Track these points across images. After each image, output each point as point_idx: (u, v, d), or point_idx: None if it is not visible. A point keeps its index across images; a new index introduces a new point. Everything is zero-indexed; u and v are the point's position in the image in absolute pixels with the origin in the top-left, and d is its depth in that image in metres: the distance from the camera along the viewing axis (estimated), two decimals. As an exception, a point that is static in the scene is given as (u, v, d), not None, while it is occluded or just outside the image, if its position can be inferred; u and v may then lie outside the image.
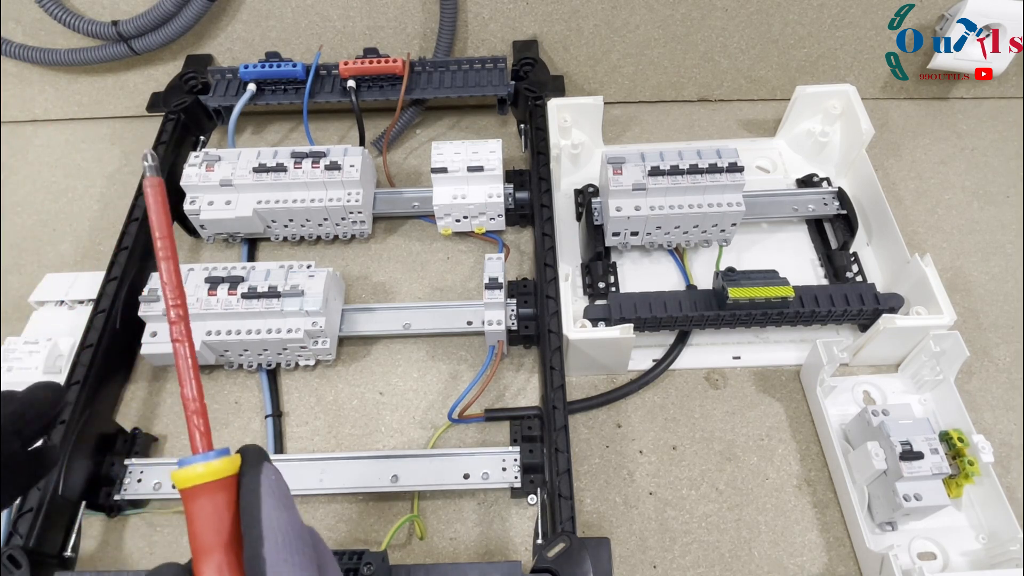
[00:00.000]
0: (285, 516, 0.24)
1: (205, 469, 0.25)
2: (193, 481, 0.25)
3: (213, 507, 0.25)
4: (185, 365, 0.27)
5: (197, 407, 0.27)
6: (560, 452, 0.49)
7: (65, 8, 0.72)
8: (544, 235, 0.60)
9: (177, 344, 0.27)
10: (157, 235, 0.29)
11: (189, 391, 0.27)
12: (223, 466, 0.26)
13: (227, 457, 0.26)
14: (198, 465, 0.25)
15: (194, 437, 0.26)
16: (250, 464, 0.26)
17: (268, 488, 0.25)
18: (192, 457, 0.26)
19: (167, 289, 0.28)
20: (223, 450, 0.27)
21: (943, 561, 0.50)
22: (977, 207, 0.71)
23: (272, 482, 0.25)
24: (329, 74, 0.73)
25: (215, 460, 0.26)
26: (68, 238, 0.72)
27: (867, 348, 0.57)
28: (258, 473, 0.25)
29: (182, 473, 0.25)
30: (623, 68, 0.79)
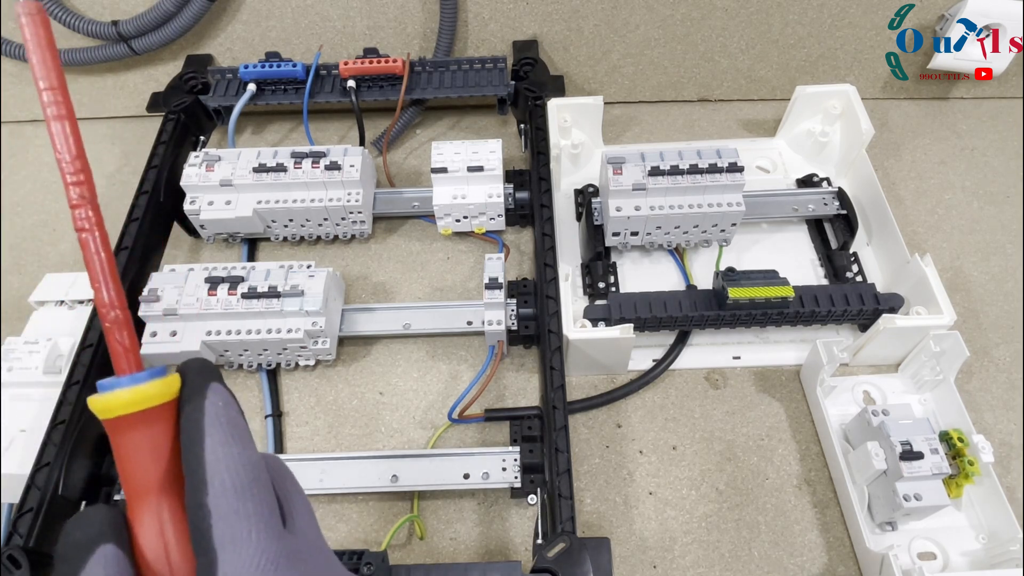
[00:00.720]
0: (235, 453, 0.19)
1: (132, 395, 0.20)
2: (119, 411, 0.20)
3: (148, 442, 0.20)
4: (97, 262, 0.21)
5: (119, 316, 0.21)
6: (560, 452, 0.49)
7: (65, 8, 0.72)
8: (544, 235, 0.60)
9: (84, 235, 0.21)
10: (43, 85, 0.21)
11: (105, 295, 0.21)
12: (157, 390, 0.20)
13: (162, 379, 0.21)
14: (123, 390, 0.20)
15: (117, 354, 0.21)
16: (192, 388, 0.21)
17: (213, 418, 0.20)
18: (116, 379, 0.20)
19: (63, 161, 0.21)
20: (157, 370, 0.21)
21: (943, 561, 0.50)
22: (977, 207, 0.71)
23: (219, 409, 0.20)
24: (329, 74, 0.73)
25: (146, 383, 0.20)
26: (68, 238, 0.72)
27: (867, 348, 0.57)
28: (202, 399, 0.20)
29: (104, 400, 0.20)
30: (623, 68, 0.79)
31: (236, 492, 0.19)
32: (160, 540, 0.20)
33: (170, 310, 0.56)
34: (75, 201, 0.21)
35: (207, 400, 0.20)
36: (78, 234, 0.21)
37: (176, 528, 0.20)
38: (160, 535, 0.20)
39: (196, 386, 0.21)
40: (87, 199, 0.21)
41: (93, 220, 0.21)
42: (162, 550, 0.20)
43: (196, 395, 0.20)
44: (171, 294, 0.57)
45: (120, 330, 0.21)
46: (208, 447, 0.19)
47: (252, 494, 0.19)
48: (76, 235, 0.21)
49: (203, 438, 0.20)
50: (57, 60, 0.21)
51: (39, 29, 0.20)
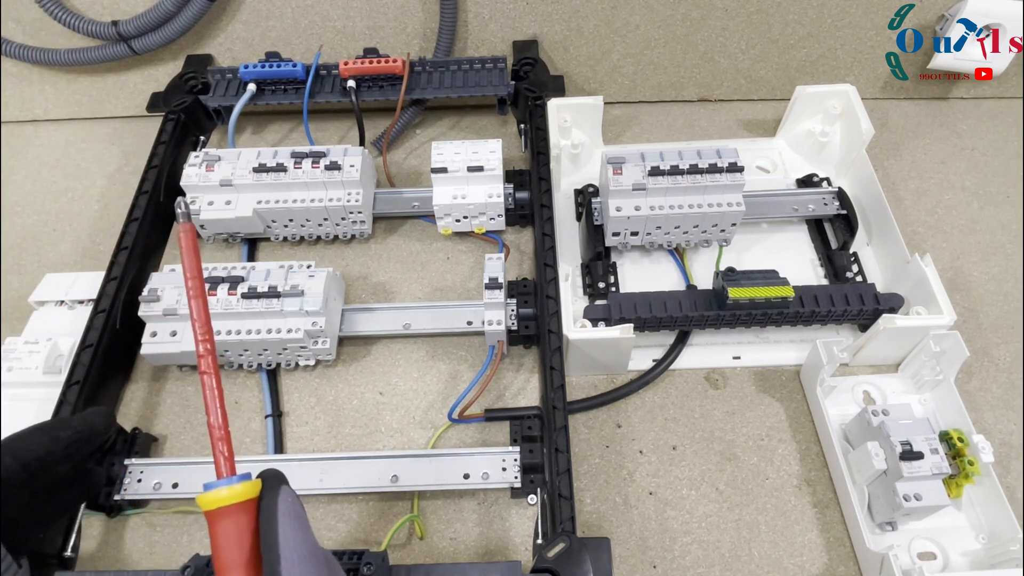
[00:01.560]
0: (300, 536, 0.27)
1: (228, 493, 0.27)
2: (217, 504, 0.27)
3: (235, 528, 0.27)
4: (212, 396, 0.30)
5: (223, 434, 0.29)
6: (560, 452, 0.49)
7: (65, 8, 0.72)
8: (544, 235, 0.60)
9: (205, 376, 0.30)
10: (188, 276, 0.31)
11: (215, 419, 0.29)
12: (245, 490, 0.28)
13: (249, 482, 0.28)
14: (222, 489, 0.28)
15: (219, 463, 0.29)
16: (269, 488, 0.28)
17: (285, 510, 0.27)
18: (217, 481, 0.28)
19: (196, 325, 0.31)
20: (245, 475, 0.28)
21: (943, 561, 0.50)
22: (977, 207, 0.71)
23: (289, 505, 0.27)
24: (329, 74, 0.73)
25: (238, 484, 0.28)
26: (68, 238, 0.72)
27: (867, 348, 0.57)
28: (275, 496, 0.28)
29: (208, 496, 0.28)
30: (623, 68, 0.79)
31: (302, 564, 0.26)
32: None
33: (170, 310, 0.56)
34: (201, 353, 0.30)
35: (280, 497, 0.28)
36: (200, 375, 0.30)
37: None
38: None
39: (272, 486, 0.28)
40: (210, 352, 0.31)
41: (212, 367, 0.30)
42: None
43: (272, 492, 0.28)
44: (171, 294, 0.57)
45: (223, 444, 0.29)
46: (281, 531, 0.26)
47: (313, 568, 0.26)
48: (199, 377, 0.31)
49: (277, 524, 0.26)
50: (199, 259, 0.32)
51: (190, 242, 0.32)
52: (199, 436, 0.58)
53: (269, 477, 0.29)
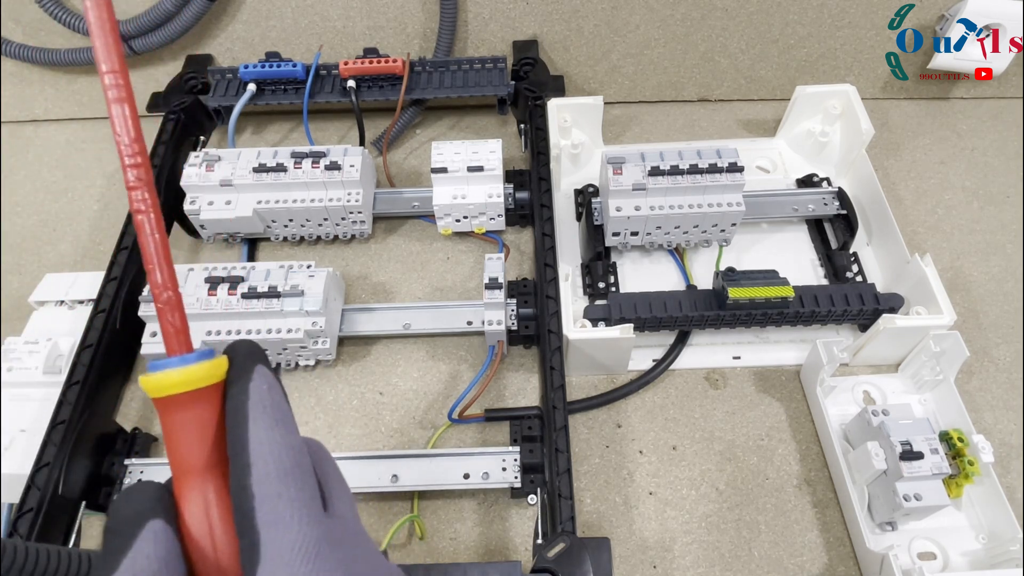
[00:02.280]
0: (278, 437, 0.20)
1: (181, 376, 0.20)
2: (169, 390, 0.20)
3: (195, 421, 0.21)
4: (151, 243, 0.21)
5: (171, 297, 0.21)
6: (560, 452, 0.49)
7: (65, 8, 0.72)
8: (544, 235, 0.60)
9: (140, 216, 0.21)
10: (105, 68, 0.21)
11: (159, 276, 0.21)
12: (205, 372, 0.21)
13: (210, 361, 0.21)
14: (172, 371, 0.20)
15: (168, 335, 0.21)
16: (238, 370, 0.21)
17: (258, 401, 0.20)
18: (166, 360, 0.21)
19: (121, 143, 0.21)
20: (206, 351, 0.21)
21: (943, 561, 0.50)
22: (977, 207, 0.71)
23: (263, 393, 0.21)
24: (329, 74, 0.73)
25: (195, 364, 0.21)
26: (68, 238, 0.72)
27: (867, 348, 0.57)
28: (247, 382, 0.21)
29: (155, 379, 0.20)
30: (623, 68, 0.79)
31: (279, 476, 0.19)
32: (205, 518, 0.20)
33: (170, 310, 0.56)
34: (132, 183, 0.21)
35: (252, 383, 0.21)
36: (134, 215, 0.21)
37: (221, 507, 0.20)
38: (205, 513, 0.20)
39: (242, 368, 0.21)
40: (143, 181, 0.21)
41: (149, 202, 0.21)
42: (207, 528, 0.20)
43: (242, 377, 0.21)
44: (171, 294, 0.56)
45: (172, 311, 0.21)
46: (252, 431, 0.20)
47: (294, 478, 0.20)
48: (132, 216, 0.21)
49: (247, 422, 0.20)
50: (119, 43, 0.21)
51: (103, 12, 0.20)
52: (199, 436, 0.58)
53: (239, 353, 0.22)
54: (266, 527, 0.19)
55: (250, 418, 0.20)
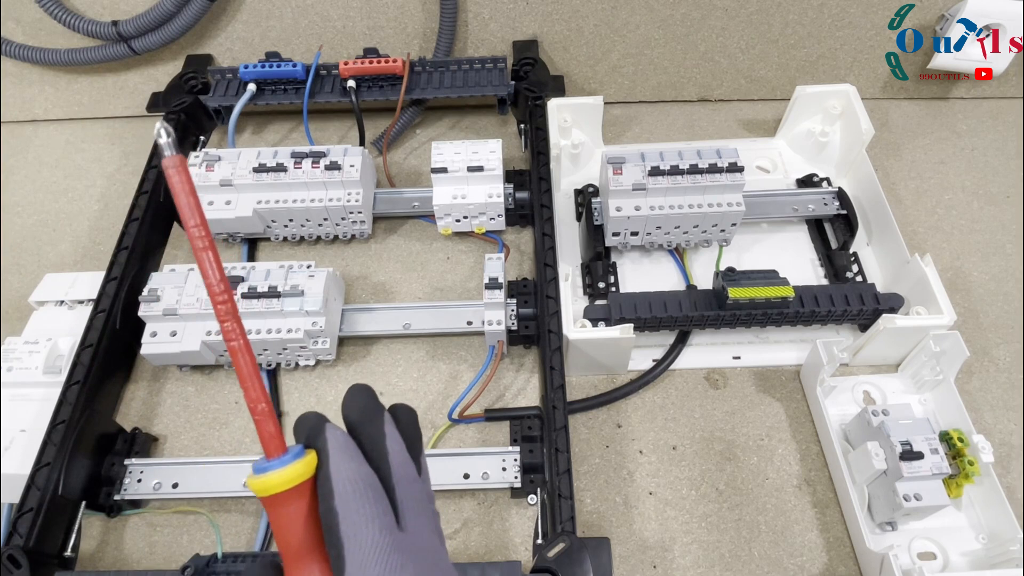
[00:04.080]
0: (353, 467, 0.24)
1: (284, 476, 0.23)
2: (273, 490, 0.23)
3: (298, 513, 0.24)
4: (245, 364, 0.24)
5: (264, 408, 0.24)
6: (560, 452, 0.49)
7: (65, 8, 0.72)
8: (544, 235, 0.60)
9: (232, 344, 0.24)
10: (191, 223, 0.24)
11: (254, 392, 0.24)
12: (301, 470, 0.24)
13: (303, 459, 0.24)
14: (275, 473, 0.23)
15: (267, 442, 0.24)
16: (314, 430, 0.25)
17: (334, 444, 0.24)
18: (267, 463, 0.24)
19: (212, 284, 0.24)
20: (297, 449, 0.24)
21: (943, 561, 0.50)
22: (977, 207, 0.71)
23: (337, 437, 0.24)
24: (329, 74, 0.73)
25: (291, 464, 0.24)
26: (68, 238, 0.72)
27: (867, 348, 0.57)
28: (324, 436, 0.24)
29: (261, 481, 0.23)
30: (623, 68, 0.79)
31: (355, 496, 0.23)
32: None
33: (170, 310, 0.56)
34: (223, 317, 0.24)
35: (328, 433, 0.24)
36: (227, 343, 0.24)
37: None
38: None
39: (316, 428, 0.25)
40: (232, 315, 0.24)
41: (238, 332, 0.24)
42: None
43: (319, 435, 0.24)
44: (171, 294, 0.57)
45: (267, 421, 0.24)
46: (332, 464, 0.24)
47: (367, 498, 0.23)
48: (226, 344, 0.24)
49: (327, 459, 0.24)
50: (198, 202, 0.24)
51: (184, 177, 0.24)
52: (199, 436, 0.58)
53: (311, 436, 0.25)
54: (348, 538, 0.23)
55: (330, 455, 0.24)
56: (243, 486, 0.53)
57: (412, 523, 0.25)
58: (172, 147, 0.23)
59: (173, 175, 0.23)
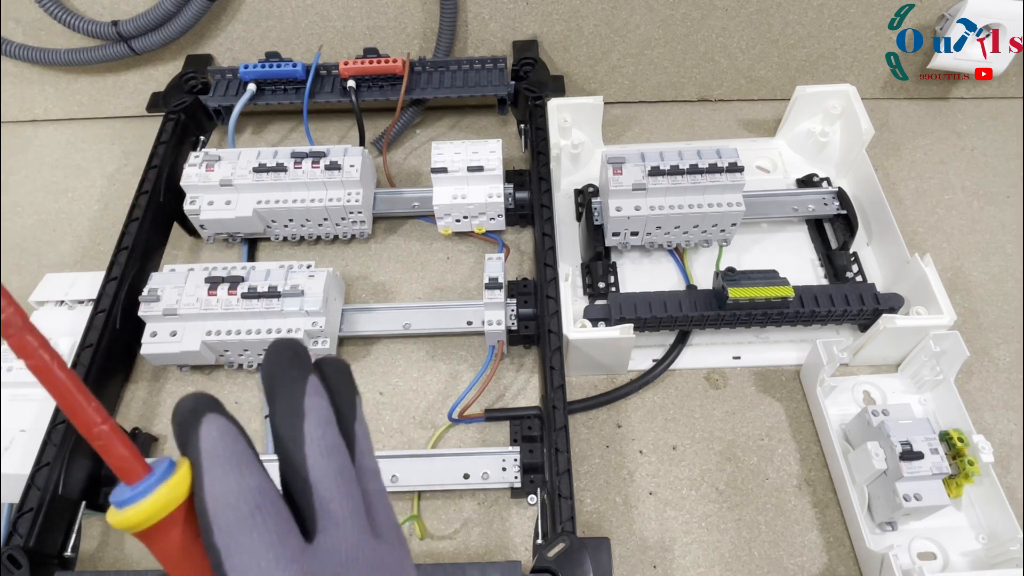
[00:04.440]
0: (233, 483, 0.19)
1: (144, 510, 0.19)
2: (141, 526, 0.19)
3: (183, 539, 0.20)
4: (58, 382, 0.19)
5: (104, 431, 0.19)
6: (560, 452, 0.49)
7: (65, 8, 0.72)
8: (544, 235, 0.60)
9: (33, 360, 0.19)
10: None
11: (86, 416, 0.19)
12: (169, 495, 0.19)
13: (171, 480, 0.20)
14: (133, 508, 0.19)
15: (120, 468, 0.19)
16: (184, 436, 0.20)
17: (208, 454, 0.20)
18: (128, 489, 0.19)
19: None
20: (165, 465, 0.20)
21: (943, 561, 0.50)
22: (977, 207, 0.71)
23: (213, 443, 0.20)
24: (329, 74, 0.73)
25: (155, 493, 0.19)
26: (68, 238, 0.72)
27: (867, 348, 0.57)
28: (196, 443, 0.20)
29: (123, 517, 0.19)
30: (623, 68, 0.79)
31: (239, 526, 0.19)
32: None
33: (170, 310, 0.56)
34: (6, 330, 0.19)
35: (200, 440, 0.20)
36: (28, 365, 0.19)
37: None
38: None
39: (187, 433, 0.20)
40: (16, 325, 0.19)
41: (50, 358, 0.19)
42: None
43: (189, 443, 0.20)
44: (171, 294, 0.57)
45: (112, 444, 0.19)
46: (207, 486, 0.19)
47: (254, 525, 0.19)
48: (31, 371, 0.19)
49: (201, 478, 0.19)
50: None
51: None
52: (199, 436, 0.58)
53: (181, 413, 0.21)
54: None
55: (203, 472, 0.19)
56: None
57: (332, 535, 0.20)
58: None
59: None
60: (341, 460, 0.21)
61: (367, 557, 0.21)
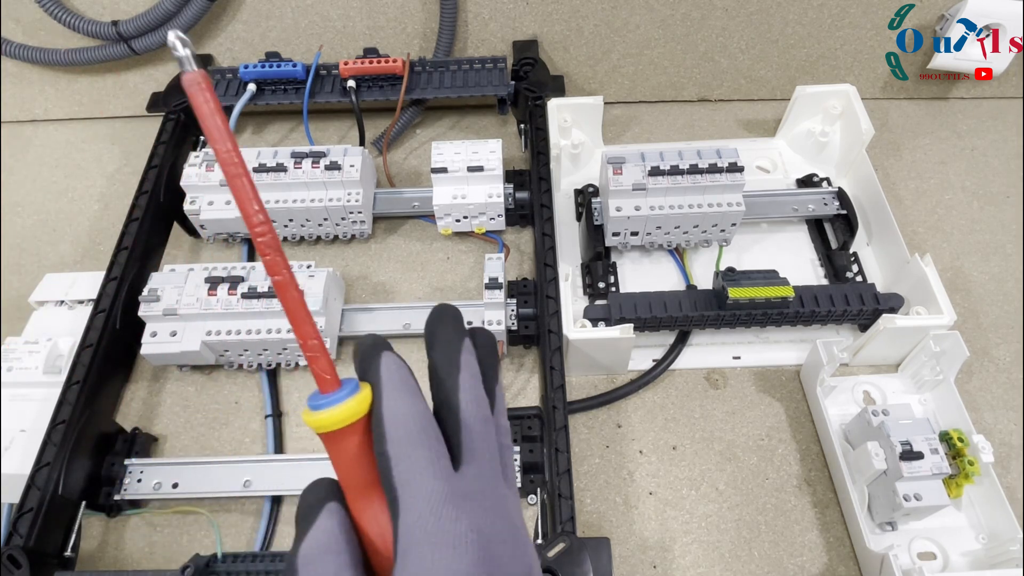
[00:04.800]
0: (405, 407, 0.23)
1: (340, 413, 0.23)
2: (330, 427, 0.23)
3: (356, 448, 0.23)
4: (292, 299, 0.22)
5: (316, 344, 0.23)
6: (560, 452, 0.49)
7: (65, 8, 0.72)
8: (544, 235, 0.60)
9: (277, 279, 0.22)
10: (222, 148, 0.20)
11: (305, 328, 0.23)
12: (354, 408, 0.23)
13: (356, 397, 0.23)
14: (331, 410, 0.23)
15: (320, 378, 0.23)
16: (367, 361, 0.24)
17: (387, 380, 0.23)
18: (323, 398, 0.23)
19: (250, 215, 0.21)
20: (352, 384, 0.23)
21: (943, 561, 0.50)
22: (977, 207, 0.71)
23: (391, 372, 0.24)
24: (329, 74, 0.73)
25: (344, 403, 0.23)
26: (68, 238, 0.72)
27: (867, 348, 0.57)
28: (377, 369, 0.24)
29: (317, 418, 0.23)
30: (623, 68, 0.79)
31: (408, 440, 0.22)
32: (376, 525, 0.23)
33: (170, 310, 0.56)
34: (265, 250, 0.21)
35: (382, 367, 0.24)
36: (271, 277, 0.22)
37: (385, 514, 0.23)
38: (376, 521, 0.23)
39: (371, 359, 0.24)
40: (273, 248, 0.21)
41: (282, 265, 0.22)
42: (378, 532, 0.23)
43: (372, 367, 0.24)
44: (171, 294, 0.57)
45: (319, 357, 0.23)
46: (385, 405, 0.23)
47: (420, 442, 0.23)
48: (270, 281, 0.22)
49: (381, 399, 0.23)
50: (227, 123, 0.20)
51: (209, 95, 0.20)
52: (199, 436, 0.58)
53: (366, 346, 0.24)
54: (401, 485, 0.22)
55: (383, 393, 0.23)
56: (244, 486, 0.53)
57: (474, 468, 0.24)
58: (191, 62, 0.20)
59: (197, 94, 0.20)
60: (485, 411, 0.25)
61: (498, 495, 0.24)
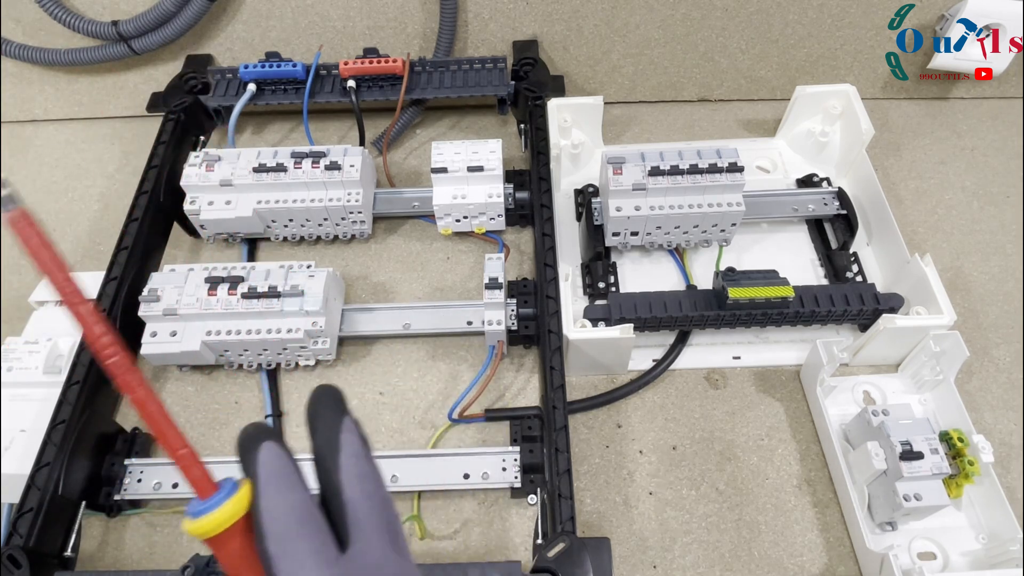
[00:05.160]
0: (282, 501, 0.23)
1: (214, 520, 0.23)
2: (209, 533, 0.23)
3: (241, 547, 0.24)
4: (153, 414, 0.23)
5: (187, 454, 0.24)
6: (560, 452, 0.49)
7: (65, 8, 0.72)
8: (544, 235, 0.60)
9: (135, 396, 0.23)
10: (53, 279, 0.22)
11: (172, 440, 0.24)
12: (234, 508, 0.23)
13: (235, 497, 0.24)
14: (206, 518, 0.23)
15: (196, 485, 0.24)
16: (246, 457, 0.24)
17: (265, 475, 0.24)
18: (202, 504, 0.24)
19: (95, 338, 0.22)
20: (230, 485, 0.24)
21: (943, 561, 0.50)
22: (977, 207, 0.71)
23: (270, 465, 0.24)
24: (329, 74, 0.73)
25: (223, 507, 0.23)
26: (68, 238, 0.72)
27: (867, 348, 0.57)
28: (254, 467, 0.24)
29: (196, 526, 0.23)
30: (623, 68, 0.79)
31: (287, 535, 0.23)
32: None
33: (170, 310, 0.56)
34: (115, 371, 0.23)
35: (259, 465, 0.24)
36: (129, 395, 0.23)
37: None
38: None
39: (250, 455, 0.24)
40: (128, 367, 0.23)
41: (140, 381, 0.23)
42: None
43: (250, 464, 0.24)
44: (171, 294, 0.57)
45: (191, 466, 0.24)
46: (262, 502, 0.23)
47: (301, 534, 0.23)
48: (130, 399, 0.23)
49: (259, 496, 0.23)
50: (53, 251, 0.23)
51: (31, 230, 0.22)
52: (199, 436, 0.58)
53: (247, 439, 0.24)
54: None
55: (260, 488, 0.23)
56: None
57: (361, 545, 0.24)
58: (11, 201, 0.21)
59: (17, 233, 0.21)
60: (370, 486, 0.25)
61: (391, 566, 0.24)
